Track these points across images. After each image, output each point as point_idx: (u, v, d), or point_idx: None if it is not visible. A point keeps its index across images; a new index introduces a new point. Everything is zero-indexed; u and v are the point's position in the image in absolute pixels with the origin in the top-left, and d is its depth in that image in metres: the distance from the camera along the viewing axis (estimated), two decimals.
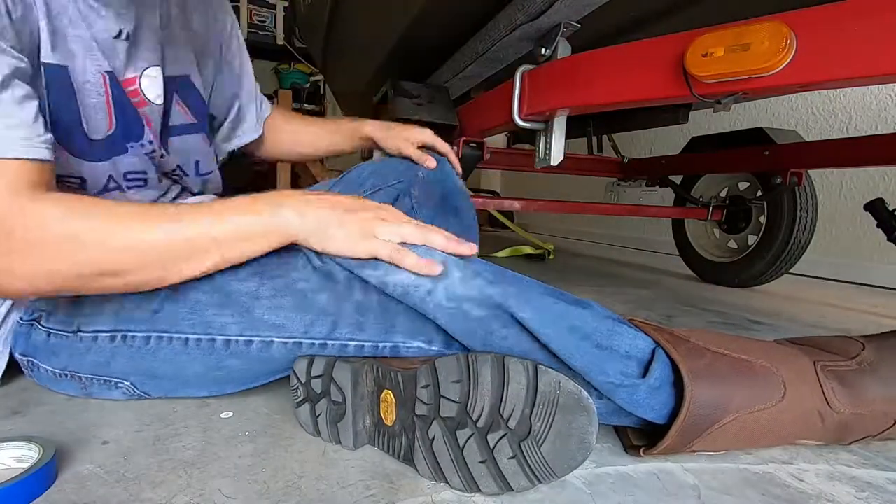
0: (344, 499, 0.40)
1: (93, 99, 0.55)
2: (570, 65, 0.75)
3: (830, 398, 0.46)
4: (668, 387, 0.45)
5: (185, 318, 0.50)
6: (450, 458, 0.42)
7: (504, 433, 0.40)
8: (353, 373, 0.47)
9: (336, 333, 0.49)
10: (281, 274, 0.50)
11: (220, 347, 0.50)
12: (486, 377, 0.41)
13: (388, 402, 0.47)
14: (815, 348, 0.50)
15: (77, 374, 0.55)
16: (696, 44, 0.58)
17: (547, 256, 2.15)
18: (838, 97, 2.02)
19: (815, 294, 1.65)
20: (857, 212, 1.92)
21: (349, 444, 0.48)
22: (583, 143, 1.77)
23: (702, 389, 0.44)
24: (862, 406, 0.47)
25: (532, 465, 0.39)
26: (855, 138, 1.19)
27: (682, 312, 1.21)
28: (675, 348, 0.45)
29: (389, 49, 1.19)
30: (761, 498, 0.44)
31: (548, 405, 0.38)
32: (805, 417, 0.47)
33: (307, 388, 0.51)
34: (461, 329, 0.46)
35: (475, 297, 0.45)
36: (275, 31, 3.61)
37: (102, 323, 0.52)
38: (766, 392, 0.45)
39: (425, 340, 0.49)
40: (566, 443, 0.38)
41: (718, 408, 0.44)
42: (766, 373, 0.46)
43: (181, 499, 0.39)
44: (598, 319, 0.46)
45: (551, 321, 0.44)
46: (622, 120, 1.60)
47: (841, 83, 0.56)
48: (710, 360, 0.46)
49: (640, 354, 0.46)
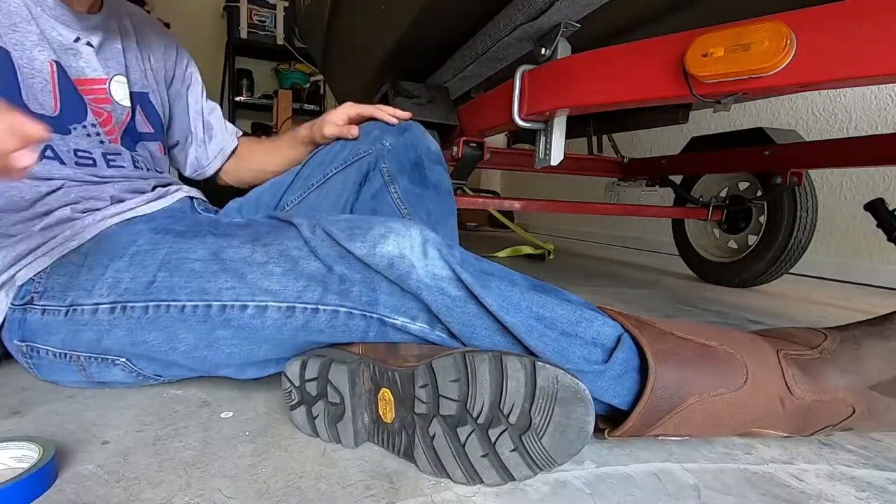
0: (344, 499, 0.40)
1: (38, 83, 0.60)
2: (570, 65, 0.75)
3: (791, 384, 0.47)
4: (633, 372, 0.47)
5: (183, 286, 0.51)
6: (451, 454, 0.42)
7: (505, 428, 0.40)
8: (351, 373, 0.47)
9: (326, 299, 0.49)
10: (272, 241, 0.51)
11: (216, 314, 0.51)
12: (484, 375, 0.41)
13: (387, 400, 0.47)
14: (780, 339, 0.52)
15: (75, 353, 0.55)
16: (696, 44, 0.58)
17: (547, 256, 2.15)
18: (838, 97, 2.02)
19: (815, 294, 1.65)
20: (857, 212, 1.92)
21: (349, 442, 0.48)
22: (583, 143, 1.77)
23: (665, 371, 0.45)
24: (822, 393, 0.48)
25: (533, 456, 0.40)
26: (855, 138, 1.19)
27: (682, 312, 1.21)
28: (640, 332, 0.47)
29: (389, 49, 1.19)
30: (761, 498, 0.44)
31: (547, 399, 0.39)
32: (766, 402, 0.48)
33: (301, 391, 0.50)
34: (442, 305, 0.47)
35: (452, 278, 0.47)
36: (275, 31, 3.60)
37: (100, 296, 0.53)
38: (728, 376, 0.46)
39: (409, 317, 0.49)
40: (566, 433, 0.39)
41: (681, 389, 0.45)
42: (729, 358, 0.47)
43: (181, 499, 0.39)
44: (564, 306, 0.48)
45: (515, 309, 0.47)
46: (622, 120, 1.60)
47: (841, 83, 0.55)
48: (674, 343, 0.47)
49: (606, 341, 0.47)
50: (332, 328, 0.50)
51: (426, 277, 0.47)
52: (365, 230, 0.49)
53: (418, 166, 0.71)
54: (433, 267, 0.47)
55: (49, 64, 0.61)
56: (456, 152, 1.19)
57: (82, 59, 0.64)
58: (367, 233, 0.49)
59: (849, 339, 0.51)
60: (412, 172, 0.71)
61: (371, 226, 0.50)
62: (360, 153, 0.73)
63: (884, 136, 1.12)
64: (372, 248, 0.48)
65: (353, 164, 0.73)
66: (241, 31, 3.50)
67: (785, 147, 1.34)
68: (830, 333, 0.52)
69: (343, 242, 0.49)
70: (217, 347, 0.53)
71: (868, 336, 0.51)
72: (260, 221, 0.57)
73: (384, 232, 0.49)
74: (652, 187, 1.76)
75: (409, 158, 0.71)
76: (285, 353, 0.54)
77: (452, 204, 0.74)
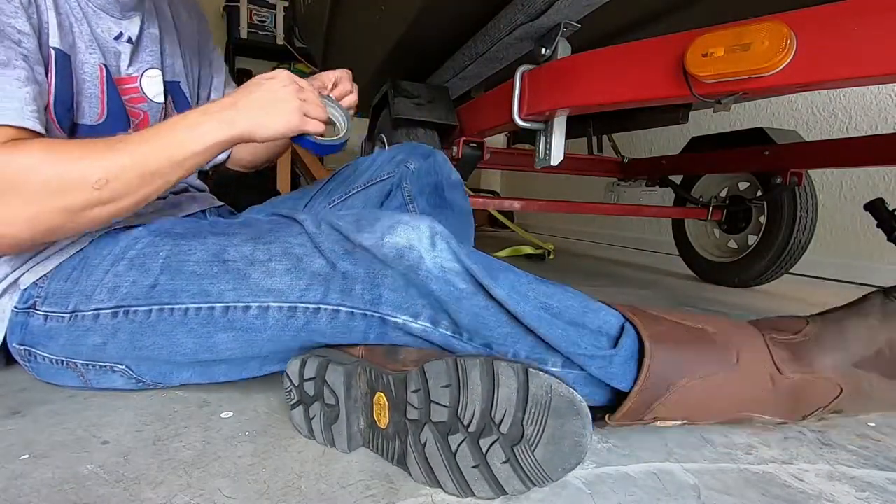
0: (344, 499, 0.40)
1: (89, 89, 0.60)
2: (570, 65, 0.75)
3: (780, 364, 0.49)
4: (635, 358, 0.48)
5: (184, 289, 0.51)
6: (443, 463, 0.41)
7: (496, 438, 0.39)
8: (346, 375, 0.47)
9: (328, 298, 0.49)
10: (275, 239, 0.51)
11: (219, 315, 0.51)
12: (475, 381, 0.40)
13: (382, 404, 0.46)
14: (765, 325, 0.54)
15: (73, 362, 0.55)
16: (696, 44, 0.58)
17: (547, 256, 2.15)
18: (838, 97, 2.02)
19: (815, 294, 1.65)
20: (857, 212, 1.92)
21: (343, 446, 0.47)
22: (583, 143, 1.77)
23: (660, 352, 0.47)
24: (809, 372, 0.50)
25: (526, 469, 0.38)
26: (855, 138, 1.19)
27: None
28: (636, 316, 0.49)
29: (389, 49, 1.19)
30: (761, 498, 0.44)
31: (540, 408, 0.38)
32: (758, 381, 0.49)
33: (300, 390, 0.50)
34: (451, 297, 0.47)
35: (459, 271, 0.47)
36: (275, 31, 3.60)
37: (100, 301, 0.53)
38: (720, 357, 0.48)
39: (412, 315, 0.49)
40: (559, 446, 0.38)
41: (676, 369, 0.47)
42: (721, 340, 0.49)
43: (181, 499, 0.39)
44: (570, 297, 0.50)
45: (523, 298, 0.48)
46: (622, 120, 1.60)
47: (841, 83, 0.56)
48: (667, 327, 0.49)
49: (611, 330, 0.49)
50: (332, 328, 0.50)
51: (434, 269, 0.47)
52: (372, 221, 0.49)
53: (438, 189, 0.73)
54: (441, 259, 0.47)
55: (99, 68, 0.60)
56: (456, 152, 1.19)
57: (122, 57, 0.64)
58: (375, 224, 0.49)
59: (830, 321, 0.53)
60: (431, 195, 0.73)
61: (378, 218, 0.50)
62: (384, 175, 0.74)
63: (884, 136, 1.12)
64: (380, 239, 0.47)
65: (377, 185, 0.74)
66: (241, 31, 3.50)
67: (785, 147, 1.34)
68: (812, 319, 0.54)
69: (350, 234, 0.49)
70: (218, 350, 0.53)
71: (848, 316, 0.53)
72: (262, 220, 0.57)
73: (392, 224, 0.48)
74: (652, 187, 1.76)
75: (429, 182, 0.73)
76: (286, 356, 0.54)
77: (470, 226, 0.75)
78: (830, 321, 0.53)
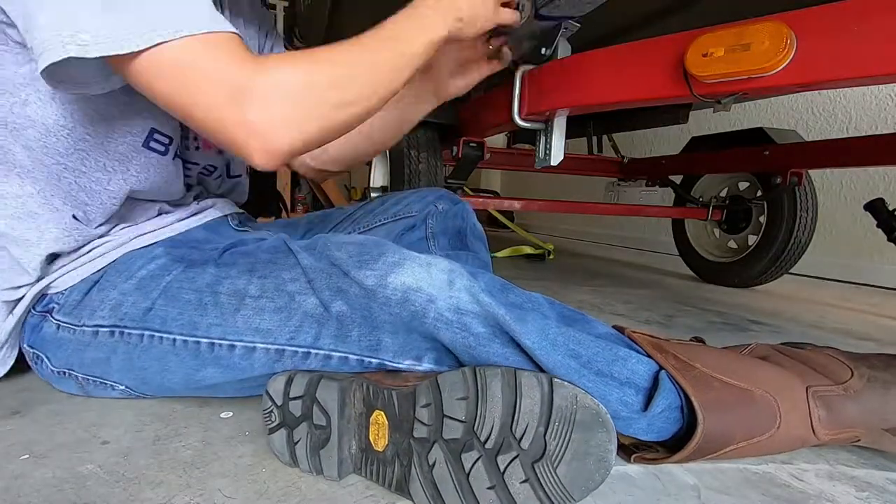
0: (344, 499, 0.40)
1: None
2: (570, 65, 0.75)
3: (816, 427, 0.47)
4: (674, 412, 0.45)
5: (175, 318, 0.50)
6: (453, 486, 0.38)
7: (516, 454, 0.36)
8: (341, 391, 0.42)
9: (320, 342, 0.47)
10: (270, 273, 0.50)
11: (205, 350, 0.50)
12: (495, 393, 0.37)
13: (380, 424, 0.42)
14: (810, 369, 0.52)
15: (75, 374, 0.55)
16: (696, 44, 0.58)
17: (547, 256, 2.15)
18: (838, 97, 2.02)
19: (815, 294, 1.65)
20: (857, 212, 1.92)
21: (332, 473, 0.42)
22: (583, 143, 1.77)
23: (712, 423, 0.44)
24: (838, 430, 0.48)
25: (547, 489, 0.36)
26: (855, 138, 1.19)
27: (682, 312, 1.21)
28: (683, 377, 0.45)
29: None
30: (761, 498, 0.44)
31: (564, 422, 0.35)
32: (790, 443, 0.48)
33: (283, 411, 0.45)
34: (462, 344, 0.44)
35: (479, 313, 0.44)
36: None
37: (102, 317, 0.52)
38: (764, 423, 0.46)
39: (414, 358, 0.47)
40: (584, 462, 0.35)
41: (723, 438, 0.45)
42: (766, 403, 0.47)
43: (181, 499, 0.39)
44: (599, 344, 0.45)
45: (553, 346, 0.43)
46: (622, 120, 1.60)
47: (841, 83, 0.56)
48: (717, 391, 0.46)
49: (640, 381, 0.45)
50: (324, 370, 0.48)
51: (448, 312, 0.43)
52: (376, 256, 0.45)
53: (460, 234, 0.73)
54: (458, 300, 0.43)
55: None
56: (456, 152, 1.19)
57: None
58: (379, 259, 0.45)
59: (876, 381, 0.51)
60: (453, 238, 0.72)
61: (383, 251, 0.46)
62: (412, 212, 0.74)
63: (884, 136, 1.12)
64: (383, 278, 0.44)
65: (402, 220, 0.73)
66: None
67: (785, 147, 1.34)
68: (857, 369, 0.52)
69: (350, 270, 0.45)
70: (209, 384, 0.52)
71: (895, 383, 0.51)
72: (265, 247, 0.54)
73: (398, 259, 0.45)
74: (652, 187, 1.76)
75: (454, 226, 0.73)
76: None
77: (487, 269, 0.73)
78: (878, 383, 0.51)
